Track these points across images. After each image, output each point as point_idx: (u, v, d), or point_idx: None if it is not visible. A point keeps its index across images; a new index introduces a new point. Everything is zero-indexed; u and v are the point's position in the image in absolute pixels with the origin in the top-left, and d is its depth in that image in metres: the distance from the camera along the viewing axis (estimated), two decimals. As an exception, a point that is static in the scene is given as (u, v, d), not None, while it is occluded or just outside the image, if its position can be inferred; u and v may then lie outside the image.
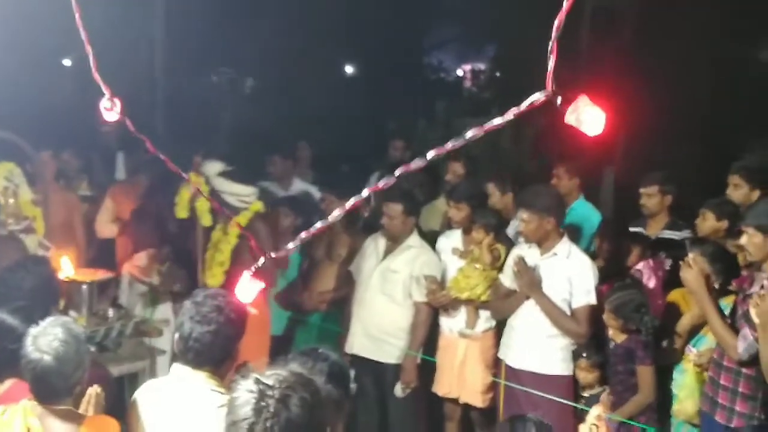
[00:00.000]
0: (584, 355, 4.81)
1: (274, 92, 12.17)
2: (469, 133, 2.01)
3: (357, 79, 15.51)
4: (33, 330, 2.99)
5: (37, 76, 9.52)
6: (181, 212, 5.69)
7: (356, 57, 15.22)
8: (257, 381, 2.15)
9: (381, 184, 2.19)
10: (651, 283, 5.01)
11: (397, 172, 2.15)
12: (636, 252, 5.20)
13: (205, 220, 5.64)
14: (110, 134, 7.45)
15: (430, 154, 2.08)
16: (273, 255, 2.65)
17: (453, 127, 10.04)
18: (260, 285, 2.61)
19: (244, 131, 10.31)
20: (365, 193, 2.28)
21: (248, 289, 2.61)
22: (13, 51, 8.61)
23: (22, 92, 8.76)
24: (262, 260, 2.58)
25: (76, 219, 6.50)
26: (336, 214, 2.33)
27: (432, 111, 10.54)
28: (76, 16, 2.54)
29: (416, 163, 2.13)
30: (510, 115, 1.95)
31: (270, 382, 2.14)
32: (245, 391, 2.14)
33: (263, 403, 2.10)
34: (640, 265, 5.12)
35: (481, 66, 15.14)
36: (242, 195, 5.49)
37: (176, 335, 3.10)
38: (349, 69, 15.71)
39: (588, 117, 1.86)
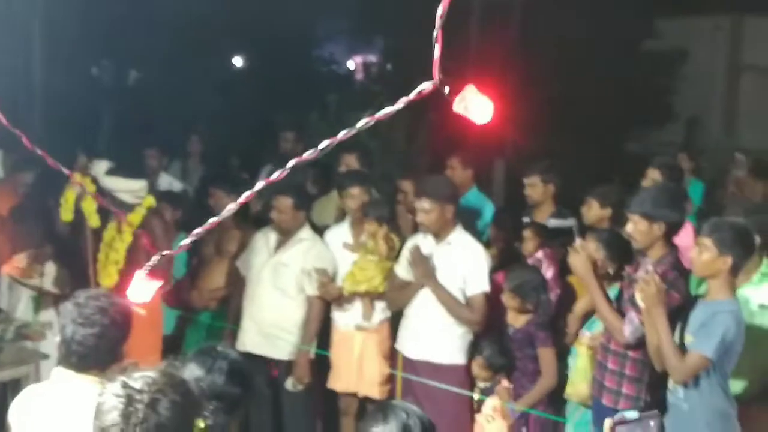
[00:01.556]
0: (483, 354, 4.81)
1: (161, 86, 11.86)
2: (360, 123, 1.99)
3: (246, 72, 15.29)
4: None
5: None
6: (66, 215, 5.51)
7: (245, 49, 15.00)
8: (125, 385, 2.08)
9: (274, 176, 2.13)
10: (549, 271, 5.11)
11: (290, 164, 2.10)
12: (531, 240, 5.29)
13: (93, 220, 5.46)
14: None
15: (323, 144, 2.05)
16: (166, 252, 2.55)
17: (345, 119, 9.98)
18: (156, 284, 2.51)
19: (127, 126, 10.03)
20: (258, 186, 2.22)
21: (143, 288, 2.50)
22: None
23: None
24: (156, 258, 2.48)
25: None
26: (230, 207, 2.26)
27: (323, 104, 10.46)
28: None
29: (309, 154, 2.08)
30: (399, 104, 1.95)
31: (138, 385, 2.08)
32: (112, 395, 2.08)
33: (131, 408, 2.04)
34: (539, 254, 5.21)
35: (372, 58, 15.17)
36: (134, 190, 5.33)
37: (58, 338, 2.97)
38: (238, 62, 15.47)
39: (475, 106, 1.88)
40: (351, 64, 16.29)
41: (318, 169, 6.78)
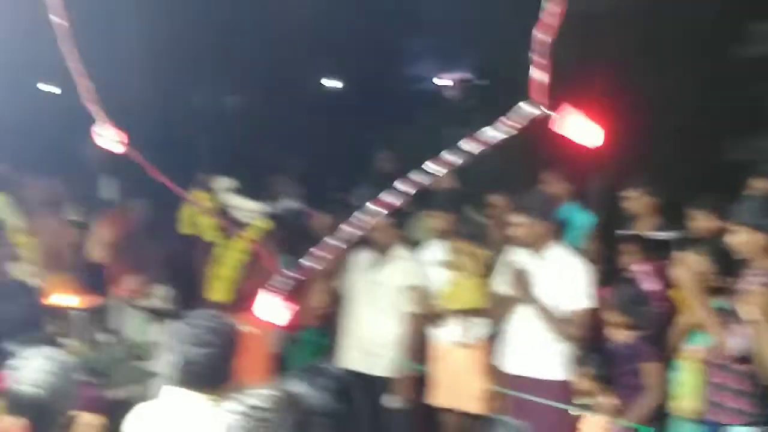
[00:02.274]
0: (585, 366, 4.75)
1: (258, 110, 12.15)
2: (464, 145, 2.02)
3: (339, 93, 15.50)
4: (16, 363, 2.95)
5: (13, 103, 9.48)
6: (185, 228, 5.70)
7: (337, 71, 15.21)
8: (247, 404, 2.11)
9: (391, 199, 2.20)
10: (652, 285, 5.02)
11: (402, 189, 2.16)
12: (633, 254, 5.20)
13: (208, 236, 5.64)
14: (97, 158, 7.42)
15: (429, 166, 2.09)
16: (288, 272, 2.64)
17: (437, 136, 10.04)
18: (280, 302, 2.60)
19: (230, 151, 10.28)
20: (374, 209, 2.28)
21: (268, 307, 2.59)
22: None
23: (3, 121, 8.73)
24: (278, 278, 2.57)
25: (66, 245, 6.47)
26: (348, 231, 2.32)
27: (415, 121, 10.53)
28: (67, 49, 2.54)
29: (422, 179, 2.14)
30: (501, 126, 1.97)
31: (260, 404, 2.11)
32: (235, 414, 2.11)
33: (255, 426, 2.07)
34: (641, 268, 5.13)
35: (463, 74, 15.15)
36: (251, 210, 5.52)
37: (171, 358, 3.08)
38: (330, 84, 15.70)
39: (574, 125, 1.89)
40: (442, 81, 16.31)
41: (411, 185, 6.81)
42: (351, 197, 7.74)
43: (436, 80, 15.81)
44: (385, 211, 5.33)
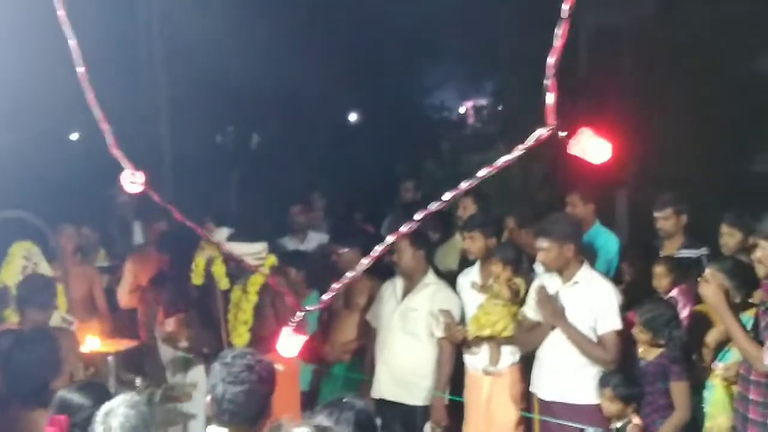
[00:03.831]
0: (610, 385, 4.74)
1: (280, 146, 12.27)
2: (481, 172, 2.04)
3: (360, 126, 15.62)
4: (104, 408, 2.97)
5: (43, 153, 9.64)
6: (197, 279, 5.76)
7: (357, 104, 15.34)
8: None
9: (404, 229, 2.21)
10: (686, 310, 4.98)
11: (418, 217, 2.17)
12: (665, 277, 5.16)
13: (223, 284, 5.69)
14: (126, 205, 7.51)
15: (447, 196, 2.11)
16: (310, 308, 2.66)
17: (461, 164, 10.09)
18: (302, 338, 2.62)
19: (255, 188, 10.38)
20: (389, 239, 2.30)
21: (290, 343, 2.61)
22: (19, 129, 8.74)
23: (30, 170, 8.89)
24: (299, 315, 2.59)
25: (97, 291, 6.54)
26: (365, 263, 2.35)
27: (438, 150, 10.60)
28: (89, 95, 2.59)
29: (434, 206, 2.15)
30: (517, 151, 1.98)
31: None
32: None
33: None
34: (674, 292, 5.09)
35: (483, 101, 15.23)
36: (254, 253, 5.55)
37: (209, 398, 3.11)
38: (352, 116, 15.83)
39: (592, 147, 1.89)
40: (462, 109, 16.39)
41: (437, 214, 6.82)
42: (378, 228, 7.78)
43: (457, 108, 15.91)
44: (412, 240, 5.39)
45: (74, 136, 13.39)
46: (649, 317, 4.65)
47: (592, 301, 4.91)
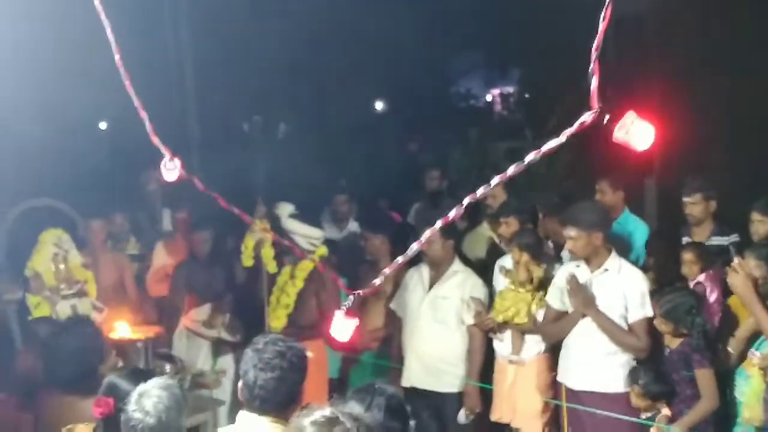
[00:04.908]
0: (639, 382, 4.70)
1: (307, 135, 12.28)
2: (529, 157, 2.03)
3: (387, 114, 15.60)
4: (138, 389, 2.99)
5: (73, 142, 9.73)
6: (247, 261, 5.80)
7: (384, 93, 15.33)
8: (308, 425, 2.17)
9: (451, 215, 2.21)
10: (713, 295, 4.94)
11: (465, 201, 2.17)
12: (694, 264, 5.12)
13: (270, 267, 5.73)
14: (155, 193, 7.55)
15: (494, 180, 2.10)
16: (362, 292, 2.67)
17: (488, 152, 10.04)
18: (354, 322, 2.64)
19: (283, 177, 10.38)
20: (426, 234, 2.30)
21: (344, 326, 2.62)
22: (48, 120, 8.81)
23: (61, 159, 8.98)
24: (351, 299, 2.60)
25: (127, 278, 6.59)
26: (401, 259, 2.34)
27: (465, 138, 10.55)
28: (127, 83, 2.61)
29: (481, 192, 2.14)
30: (563, 136, 1.96)
31: (320, 424, 2.17)
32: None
33: None
34: (701, 278, 5.05)
35: (509, 89, 15.16)
36: (312, 237, 5.60)
37: (240, 384, 3.12)
38: (378, 105, 15.82)
39: (637, 132, 1.86)
40: (489, 97, 16.34)
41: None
42: (405, 216, 7.78)
43: (484, 96, 15.86)
44: (442, 230, 5.37)
45: (103, 125, 13.49)
46: (669, 308, 4.62)
47: (622, 288, 4.88)
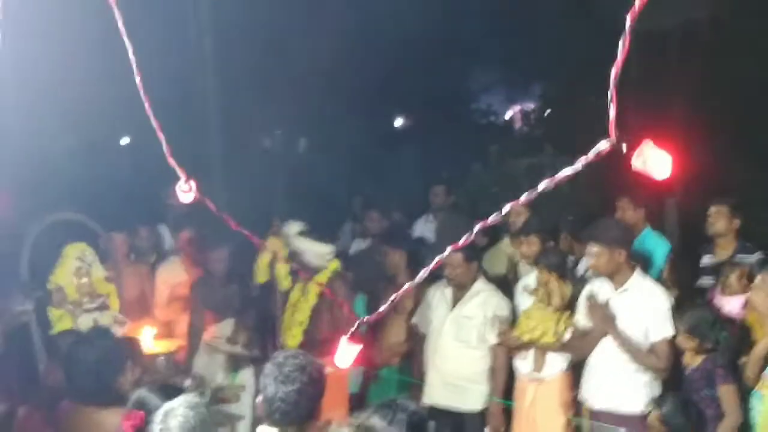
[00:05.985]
0: (662, 410, 4.60)
1: (328, 150, 12.34)
2: (542, 185, 2.02)
3: (408, 130, 15.63)
4: (165, 407, 2.99)
5: (96, 158, 9.83)
6: (261, 277, 5.81)
7: (405, 109, 15.37)
8: None
9: (465, 239, 2.21)
10: (734, 310, 4.89)
11: (477, 228, 2.16)
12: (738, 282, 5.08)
13: (285, 283, 5.74)
14: (177, 207, 7.56)
15: (506, 208, 2.09)
16: (366, 319, 2.67)
17: (507, 168, 10.04)
18: (358, 348, 2.63)
19: (304, 192, 10.43)
20: (446, 253, 2.29)
21: (347, 354, 2.62)
22: (72, 134, 8.91)
23: (83, 174, 9.05)
24: (358, 324, 2.59)
25: (149, 292, 6.60)
26: (420, 274, 2.33)
27: (485, 154, 10.56)
28: (146, 105, 2.63)
29: (493, 219, 2.14)
30: (578, 164, 1.96)
31: None
32: None
33: None
34: (721, 294, 5.01)
35: (530, 105, 15.16)
36: (322, 253, 5.60)
37: (260, 398, 3.13)
38: (399, 121, 15.86)
39: (654, 161, 1.85)
40: (509, 113, 16.33)
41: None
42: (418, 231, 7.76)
43: (504, 112, 15.85)
44: (466, 254, 5.36)
45: (125, 141, 13.61)
46: (693, 323, 4.59)
47: (643, 308, 4.86)
